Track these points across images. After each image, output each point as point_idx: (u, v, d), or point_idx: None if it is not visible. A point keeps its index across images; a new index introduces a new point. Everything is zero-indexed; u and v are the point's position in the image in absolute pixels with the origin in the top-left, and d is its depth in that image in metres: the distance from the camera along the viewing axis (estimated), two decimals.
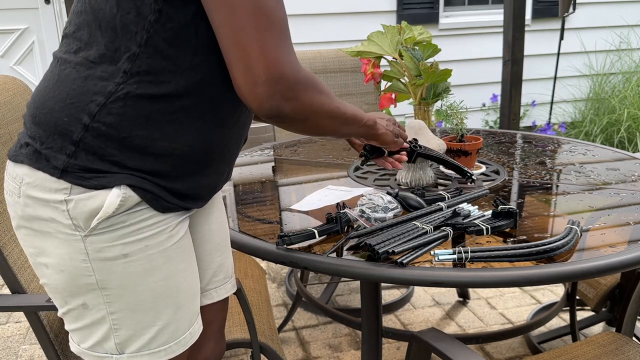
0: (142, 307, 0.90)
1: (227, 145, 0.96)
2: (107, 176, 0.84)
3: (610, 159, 1.77)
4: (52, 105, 0.85)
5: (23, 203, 0.87)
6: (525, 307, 2.47)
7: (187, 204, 0.94)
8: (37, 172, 0.85)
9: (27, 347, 2.24)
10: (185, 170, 0.90)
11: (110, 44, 0.83)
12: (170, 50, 0.84)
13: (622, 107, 4.47)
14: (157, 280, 0.90)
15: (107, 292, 0.88)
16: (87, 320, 0.91)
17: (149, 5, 0.81)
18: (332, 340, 2.26)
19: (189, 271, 0.96)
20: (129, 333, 0.91)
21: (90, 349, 0.93)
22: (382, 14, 4.37)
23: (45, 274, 0.91)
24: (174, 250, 0.92)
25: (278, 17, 0.81)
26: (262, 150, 2.04)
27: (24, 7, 3.91)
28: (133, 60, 0.83)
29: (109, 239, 0.86)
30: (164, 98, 0.85)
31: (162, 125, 0.85)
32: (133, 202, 0.85)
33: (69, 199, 0.84)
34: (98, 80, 0.84)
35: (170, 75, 0.84)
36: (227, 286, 1.19)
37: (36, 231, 0.88)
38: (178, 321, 0.95)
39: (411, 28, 1.77)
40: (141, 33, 0.82)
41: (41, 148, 0.86)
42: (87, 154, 0.84)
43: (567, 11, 3.95)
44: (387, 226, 1.19)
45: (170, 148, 0.87)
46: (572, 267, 1.05)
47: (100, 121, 0.83)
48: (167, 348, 0.94)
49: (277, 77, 0.81)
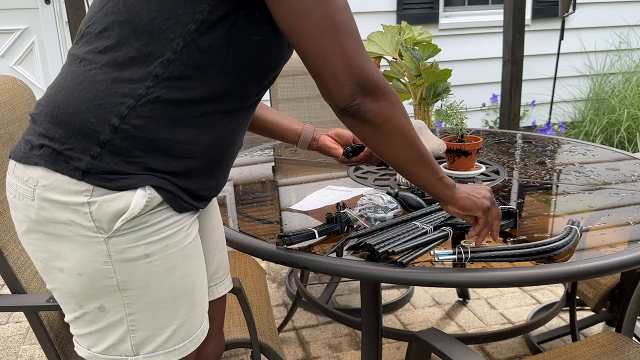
0: (161, 307, 0.91)
1: (234, 150, 0.98)
2: (130, 177, 0.85)
3: (610, 159, 1.77)
4: (78, 106, 0.84)
5: (38, 206, 0.85)
6: (525, 307, 2.47)
7: (199, 204, 0.95)
8: (54, 174, 0.84)
9: (27, 347, 2.24)
10: (198, 172, 0.92)
11: (144, 47, 0.84)
12: (204, 60, 0.85)
13: (622, 107, 4.47)
14: (177, 279, 0.91)
15: (127, 294, 0.88)
16: (103, 323, 0.90)
17: (192, 15, 0.83)
18: (332, 340, 2.26)
19: (201, 269, 0.98)
20: (146, 334, 0.91)
21: (103, 353, 0.92)
22: (382, 14, 4.37)
23: (58, 278, 0.89)
24: (190, 249, 0.93)
25: (351, 21, 0.86)
26: (262, 150, 2.04)
27: (24, 7, 3.91)
28: (166, 66, 0.84)
29: (131, 240, 0.86)
30: (189, 103, 0.86)
31: (185, 129, 0.87)
32: (156, 202, 0.86)
33: (92, 200, 0.83)
34: (127, 83, 0.84)
35: (198, 82, 0.86)
36: (225, 283, 1.21)
37: (50, 235, 0.86)
38: (192, 319, 0.95)
39: (411, 28, 1.77)
40: (178, 40, 0.83)
41: (62, 149, 0.84)
42: (113, 155, 0.84)
43: (567, 11, 3.96)
44: (387, 226, 1.19)
45: (190, 151, 0.88)
46: (572, 267, 1.05)
47: (130, 123, 0.84)
48: (182, 347, 0.95)
49: (362, 80, 0.87)
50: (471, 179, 1.58)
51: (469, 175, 1.60)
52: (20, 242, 1.26)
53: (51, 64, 4.04)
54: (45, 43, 3.99)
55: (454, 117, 1.62)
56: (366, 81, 0.87)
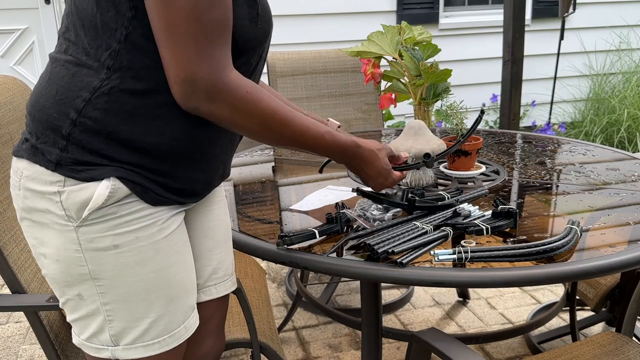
0: (134, 299, 0.92)
1: (216, 140, 0.97)
2: (97, 168, 0.87)
3: (610, 159, 1.77)
4: (44, 102, 0.89)
5: (23, 195, 0.91)
6: (525, 307, 2.47)
7: (182, 199, 0.96)
8: (34, 166, 0.89)
9: (27, 347, 2.24)
10: (174, 165, 0.92)
11: (93, 42, 0.87)
12: (149, 45, 0.86)
13: (622, 107, 4.47)
14: (149, 272, 0.92)
15: (99, 283, 0.91)
16: (84, 311, 0.94)
17: (125, 3, 0.84)
18: (332, 340, 2.26)
19: (181, 265, 0.97)
20: (122, 325, 0.93)
21: (87, 340, 0.96)
22: (382, 14, 4.37)
23: (44, 264, 0.94)
24: (165, 243, 0.94)
25: (207, 21, 0.82)
26: (262, 150, 2.04)
27: (24, 7, 3.91)
28: (114, 57, 0.86)
29: (100, 230, 0.88)
30: (146, 94, 0.87)
31: (147, 120, 0.88)
32: (122, 194, 0.88)
33: (62, 190, 0.87)
34: (84, 77, 0.87)
35: (150, 70, 0.87)
36: (227, 283, 1.20)
37: (35, 222, 0.91)
38: (171, 314, 0.96)
39: (411, 28, 1.77)
40: (120, 30, 0.85)
41: (37, 143, 0.89)
42: (77, 147, 0.87)
43: (567, 11, 3.95)
44: (387, 226, 1.19)
45: (156, 143, 0.89)
46: (572, 267, 1.05)
47: (87, 116, 0.86)
48: (162, 341, 0.96)
49: (192, 80, 0.84)
50: (471, 179, 1.58)
51: (469, 175, 1.60)
52: (20, 242, 1.26)
53: None
54: (45, 43, 3.99)
55: (454, 117, 1.62)
56: (199, 82, 0.84)
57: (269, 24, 0.96)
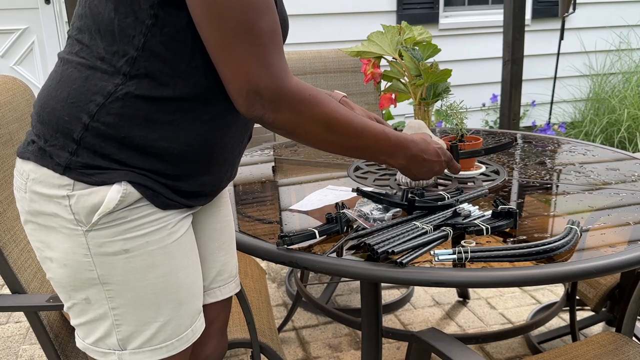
0: (143, 303, 0.91)
1: (227, 145, 0.97)
2: (108, 172, 0.86)
3: (610, 159, 1.77)
4: (54, 105, 0.88)
5: (29, 198, 0.89)
6: (525, 307, 2.47)
7: (190, 202, 0.95)
8: (41, 169, 0.87)
9: (27, 347, 2.24)
10: (186, 169, 0.92)
11: (109, 47, 0.85)
12: (168, 54, 0.85)
13: (622, 107, 4.47)
14: (158, 276, 0.91)
15: (108, 287, 0.90)
16: (90, 315, 0.92)
17: (146, 10, 0.83)
18: (332, 340, 2.26)
19: (190, 268, 0.97)
20: (130, 329, 0.92)
21: (93, 345, 0.94)
22: (382, 14, 4.37)
23: (50, 268, 0.93)
24: (175, 247, 0.93)
25: (260, 31, 0.83)
26: (262, 150, 2.04)
27: (24, 7, 3.91)
28: (132, 64, 0.85)
29: (110, 234, 0.87)
30: (162, 100, 0.86)
31: (161, 125, 0.87)
32: (134, 198, 0.87)
33: (71, 194, 0.85)
34: (98, 81, 0.85)
35: (168, 78, 0.86)
36: (231, 285, 1.19)
37: (42, 226, 0.90)
38: (179, 318, 0.95)
39: (411, 28, 1.77)
40: (139, 37, 0.84)
41: (45, 145, 0.88)
42: (89, 152, 0.86)
43: (567, 11, 3.96)
44: (387, 226, 1.19)
45: (169, 148, 0.88)
46: (572, 267, 1.05)
47: (100, 121, 0.85)
48: (169, 345, 0.95)
49: (256, 90, 0.84)
50: (471, 179, 1.58)
51: (469, 175, 1.60)
52: (20, 242, 1.26)
53: (51, 64, 4.04)
54: (45, 43, 3.99)
55: (454, 117, 1.62)
56: (263, 91, 0.85)
57: (286, 29, 0.97)
